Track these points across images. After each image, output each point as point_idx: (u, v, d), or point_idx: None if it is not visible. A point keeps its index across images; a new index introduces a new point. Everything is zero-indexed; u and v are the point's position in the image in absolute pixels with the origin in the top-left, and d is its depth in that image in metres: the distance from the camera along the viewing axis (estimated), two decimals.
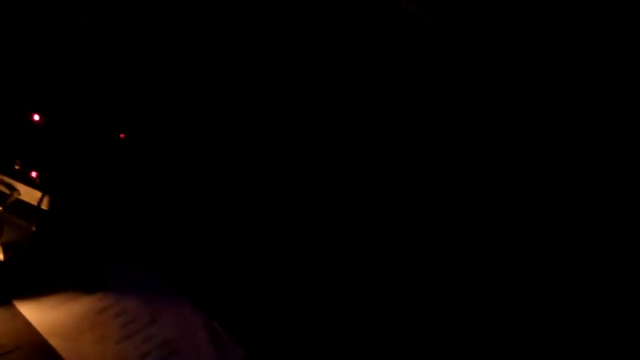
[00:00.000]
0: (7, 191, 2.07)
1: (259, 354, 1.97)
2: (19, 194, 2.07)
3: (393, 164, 2.43)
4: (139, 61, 2.43)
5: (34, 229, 2.03)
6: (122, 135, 2.24)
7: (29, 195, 2.06)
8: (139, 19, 2.42)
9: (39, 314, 1.93)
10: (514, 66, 2.33)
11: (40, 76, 2.23)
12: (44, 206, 2.05)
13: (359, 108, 2.47)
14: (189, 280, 2.12)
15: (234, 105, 2.49)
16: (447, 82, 2.41)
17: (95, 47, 2.37)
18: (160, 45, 2.47)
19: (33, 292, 1.97)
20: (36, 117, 2.12)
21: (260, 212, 2.33)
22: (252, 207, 2.34)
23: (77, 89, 2.25)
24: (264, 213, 2.33)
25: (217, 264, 2.18)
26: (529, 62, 2.32)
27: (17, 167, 2.06)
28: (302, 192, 2.39)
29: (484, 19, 2.34)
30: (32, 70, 2.23)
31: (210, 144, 2.44)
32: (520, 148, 2.37)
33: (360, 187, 2.42)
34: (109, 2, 2.39)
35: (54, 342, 1.87)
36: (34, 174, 2.06)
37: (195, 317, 2.03)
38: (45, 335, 1.88)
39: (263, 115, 2.48)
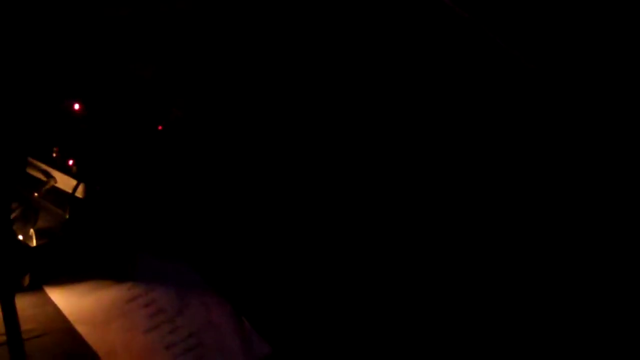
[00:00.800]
0: (43, 178, 2.09)
1: (285, 351, 1.95)
2: (55, 181, 2.08)
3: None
4: (180, 56, 2.45)
5: (67, 216, 2.04)
6: (159, 127, 2.25)
7: (65, 183, 2.07)
8: (178, 14, 2.44)
9: (68, 300, 1.93)
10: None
11: (82, 66, 2.26)
12: (79, 194, 2.06)
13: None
14: (218, 274, 2.10)
15: (267, 101, 2.49)
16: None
17: (137, 40, 2.40)
18: (200, 41, 2.49)
19: (63, 279, 1.98)
20: (76, 107, 2.14)
21: (292, 209, 2.32)
22: (283, 203, 2.33)
23: (117, 81, 2.27)
24: (296, 210, 2.32)
25: (247, 258, 2.16)
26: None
27: (54, 155, 2.08)
28: (332, 186, 2.38)
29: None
30: (73, 60, 2.26)
31: (243, 138, 2.44)
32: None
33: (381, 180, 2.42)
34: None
35: (81, 329, 1.87)
36: (70, 162, 2.07)
37: (222, 310, 2.01)
38: (73, 322, 1.89)
39: (294, 109, 2.48)
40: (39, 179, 2.09)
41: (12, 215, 1.93)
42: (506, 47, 2.31)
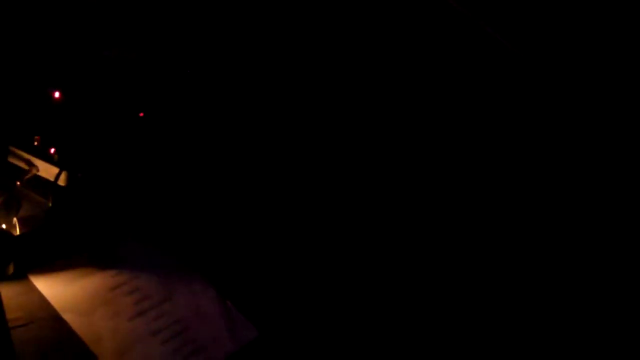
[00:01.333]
0: (25, 167, 2.08)
1: (271, 334, 1.96)
2: (37, 170, 2.08)
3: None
4: (160, 41, 2.44)
5: (50, 204, 2.04)
6: (141, 114, 2.25)
7: (47, 171, 2.07)
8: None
9: (53, 288, 1.93)
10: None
11: (61, 54, 2.24)
12: (61, 182, 2.06)
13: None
14: (202, 260, 2.11)
15: (252, 88, 2.49)
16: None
17: (116, 26, 2.39)
18: (182, 26, 2.48)
19: (48, 267, 1.98)
20: (56, 95, 2.13)
21: (275, 193, 2.33)
22: (266, 187, 2.34)
23: (97, 68, 2.26)
24: (278, 194, 2.33)
25: (230, 243, 2.17)
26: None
27: (36, 144, 2.08)
28: (317, 170, 2.39)
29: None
30: (53, 48, 2.24)
31: (226, 126, 2.44)
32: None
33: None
34: None
35: (67, 316, 1.88)
36: (52, 151, 2.07)
37: (208, 295, 2.03)
38: (59, 309, 1.89)
39: (279, 99, 2.48)
40: (20, 168, 2.08)
41: None
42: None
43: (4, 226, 1.95)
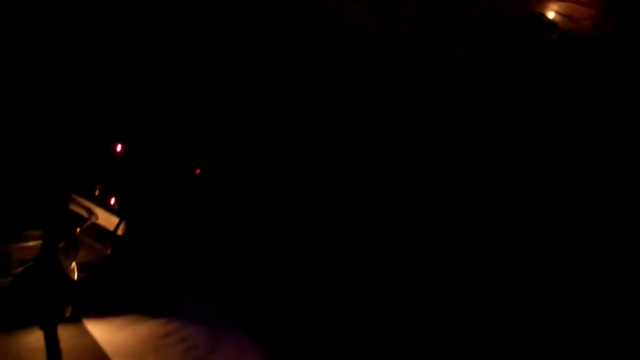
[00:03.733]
0: (85, 214, 2.16)
1: None
2: (97, 218, 2.16)
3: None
4: (217, 104, 2.54)
5: (108, 252, 2.11)
6: (197, 171, 2.33)
7: (106, 220, 2.15)
8: (215, 64, 2.54)
9: (106, 333, 1.99)
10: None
11: (126, 110, 2.35)
12: (120, 232, 2.13)
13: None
14: (250, 315, 2.15)
15: (299, 150, 2.56)
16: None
17: (174, 88, 2.50)
18: (233, 89, 2.58)
19: (102, 313, 2.04)
20: (119, 148, 2.22)
21: (318, 254, 2.37)
22: (315, 249, 2.38)
23: (159, 125, 2.36)
24: (321, 255, 2.37)
25: (279, 302, 2.20)
26: None
27: (97, 193, 2.16)
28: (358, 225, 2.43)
29: None
30: (118, 104, 2.35)
31: (276, 187, 2.51)
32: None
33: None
34: (184, 47, 2.53)
35: None
36: (112, 201, 2.15)
37: (252, 350, 2.06)
38: (110, 354, 1.94)
39: (327, 158, 2.55)
40: (81, 215, 2.16)
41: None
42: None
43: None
